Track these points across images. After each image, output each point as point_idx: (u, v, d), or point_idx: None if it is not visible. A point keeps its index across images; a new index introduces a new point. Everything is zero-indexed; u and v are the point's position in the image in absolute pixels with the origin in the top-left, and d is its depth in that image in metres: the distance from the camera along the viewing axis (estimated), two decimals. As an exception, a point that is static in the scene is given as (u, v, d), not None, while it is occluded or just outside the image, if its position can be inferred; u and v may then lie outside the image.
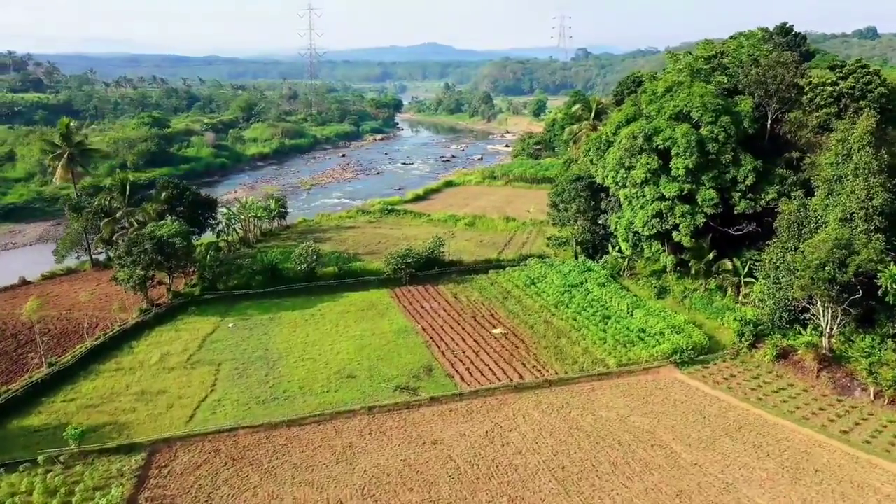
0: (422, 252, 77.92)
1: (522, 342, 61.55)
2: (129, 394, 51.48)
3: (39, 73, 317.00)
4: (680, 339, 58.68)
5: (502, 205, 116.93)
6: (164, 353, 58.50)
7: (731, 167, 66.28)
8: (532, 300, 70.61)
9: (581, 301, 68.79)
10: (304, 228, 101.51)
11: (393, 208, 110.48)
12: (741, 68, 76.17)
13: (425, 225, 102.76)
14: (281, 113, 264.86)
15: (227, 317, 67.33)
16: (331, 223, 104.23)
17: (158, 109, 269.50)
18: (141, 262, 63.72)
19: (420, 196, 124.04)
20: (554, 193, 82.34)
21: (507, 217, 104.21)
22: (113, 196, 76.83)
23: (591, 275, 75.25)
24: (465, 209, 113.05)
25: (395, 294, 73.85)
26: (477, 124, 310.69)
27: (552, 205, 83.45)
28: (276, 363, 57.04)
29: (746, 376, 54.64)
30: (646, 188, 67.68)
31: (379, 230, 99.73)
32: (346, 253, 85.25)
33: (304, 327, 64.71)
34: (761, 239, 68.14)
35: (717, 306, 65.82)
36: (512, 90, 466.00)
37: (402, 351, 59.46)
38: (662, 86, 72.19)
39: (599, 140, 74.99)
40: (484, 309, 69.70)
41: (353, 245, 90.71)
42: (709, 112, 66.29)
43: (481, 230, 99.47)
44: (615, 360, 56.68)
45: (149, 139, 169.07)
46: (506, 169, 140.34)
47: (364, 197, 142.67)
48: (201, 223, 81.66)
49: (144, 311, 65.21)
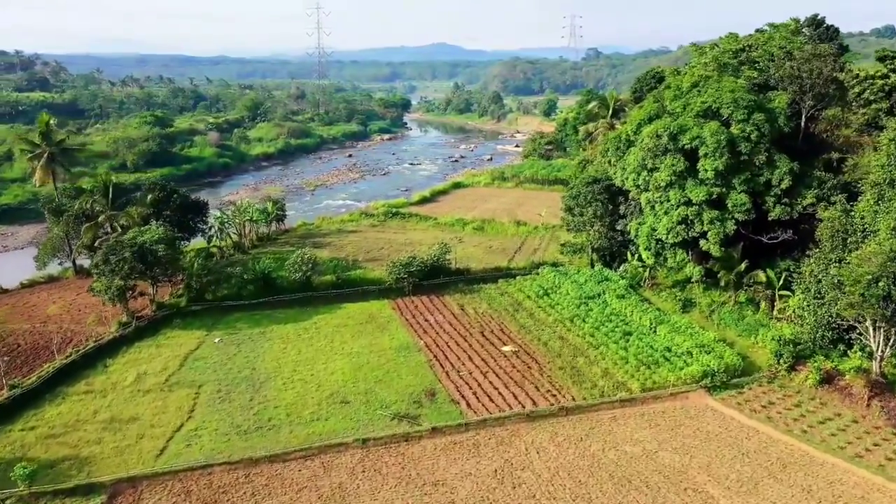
0: (426, 260, 72.18)
1: (535, 361, 55.65)
2: (97, 421, 45.95)
3: (46, 72, 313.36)
4: (710, 360, 52.63)
5: (512, 207, 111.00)
6: (141, 372, 52.98)
7: (764, 169, 60.22)
8: (545, 313, 64.72)
9: (599, 315, 62.84)
10: (303, 233, 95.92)
11: (397, 211, 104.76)
12: (772, 62, 70.03)
13: (431, 229, 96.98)
14: (288, 112, 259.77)
15: (214, 330, 61.79)
16: (332, 227, 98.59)
17: (165, 109, 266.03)
18: (120, 272, 58.29)
19: (426, 198, 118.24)
20: (569, 197, 76.37)
21: (518, 221, 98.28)
22: (95, 199, 71.49)
23: (609, 285, 69.23)
24: (473, 212, 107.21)
25: (396, 305, 68.13)
26: (486, 124, 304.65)
27: (566, 209, 77.49)
28: (263, 385, 51.39)
29: (787, 404, 48.53)
30: (670, 192, 61.65)
31: (382, 235, 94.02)
32: (346, 260, 79.55)
33: (297, 343, 59.05)
34: (797, 248, 62.11)
35: (749, 322, 59.71)
36: (522, 90, 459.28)
37: (402, 371, 53.68)
38: (688, 81, 66.16)
39: (619, 139, 69.00)
40: (493, 323, 63.87)
41: (354, 251, 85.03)
42: (740, 108, 60.23)
43: (490, 235, 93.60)
44: (639, 384, 50.70)
45: (150, 139, 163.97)
46: (516, 170, 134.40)
47: (370, 198, 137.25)
48: (191, 228, 76.20)
49: (124, 324, 59.76)
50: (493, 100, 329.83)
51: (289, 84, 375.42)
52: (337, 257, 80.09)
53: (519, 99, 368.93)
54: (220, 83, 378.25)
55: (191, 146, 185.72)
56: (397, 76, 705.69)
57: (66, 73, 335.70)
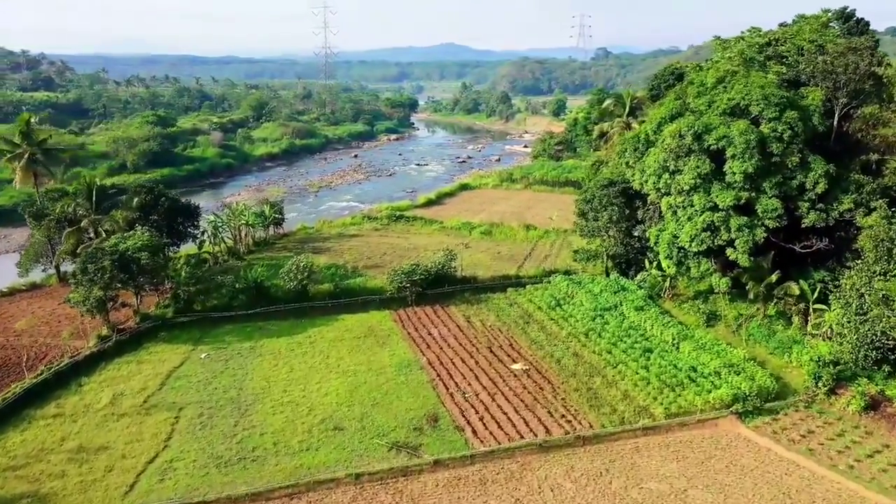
0: (430, 268, 67.38)
1: (548, 382, 50.73)
2: (63, 451, 41.35)
3: (51, 71, 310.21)
4: (741, 382, 47.60)
5: (521, 210, 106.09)
6: (117, 392, 48.38)
7: (797, 172, 55.02)
8: (558, 326, 59.79)
9: (616, 329, 57.85)
10: (302, 237, 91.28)
11: (402, 215, 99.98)
12: (802, 56, 64.89)
13: (437, 233, 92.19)
14: (293, 112, 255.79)
15: (201, 344, 57.17)
16: (332, 231, 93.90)
17: (169, 109, 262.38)
18: (99, 281, 53.73)
19: (432, 200, 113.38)
20: (582, 200, 71.38)
21: (528, 225, 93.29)
22: (78, 202, 67.00)
23: (626, 296, 64.24)
24: (480, 215, 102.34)
25: (398, 317, 63.36)
26: (494, 124, 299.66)
27: (580, 213, 72.50)
28: (250, 408, 46.68)
29: (829, 433, 43.44)
30: (694, 196, 56.58)
31: (385, 239, 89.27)
32: (346, 266, 74.83)
33: (289, 359, 54.33)
34: (832, 257, 56.99)
35: (781, 339, 54.58)
36: (530, 90, 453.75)
37: (402, 393, 48.87)
38: (713, 76, 61.08)
39: (637, 139, 63.95)
40: (501, 336, 58.99)
41: (355, 257, 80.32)
42: (771, 106, 55.09)
43: (498, 240, 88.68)
44: (662, 409, 45.70)
45: (151, 139, 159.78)
46: (525, 171, 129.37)
47: (374, 200, 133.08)
48: (180, 233, 71.63)
49: (103, 338, 55.22)
50: (502, 100, 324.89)
51: (295, 84, 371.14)
52: (336, 264, 75.39)
53: (528, 99, 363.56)
54: (226, 83, 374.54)
55: (193, 146, 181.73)
56: (405, 76, 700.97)
57: (71, 72, 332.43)
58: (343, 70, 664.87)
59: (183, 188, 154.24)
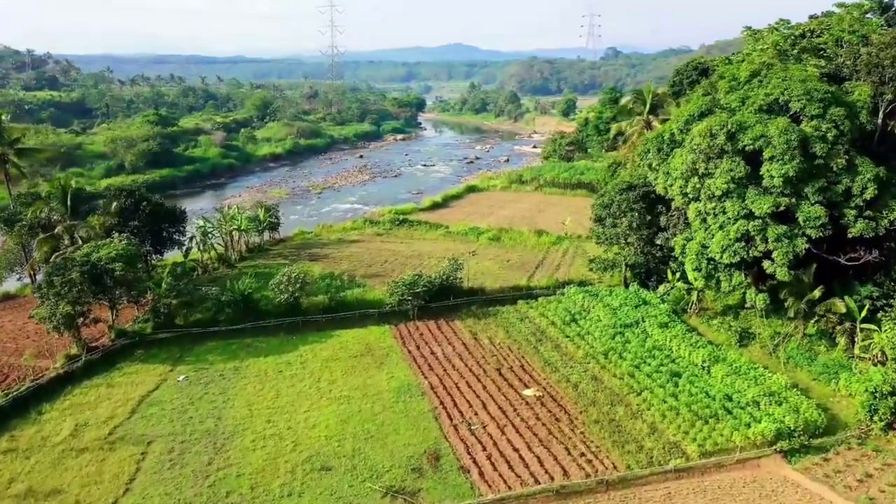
0: (434, 278, 61.65)
1: (564, 411, 44.91)
2: (9, 495, 35.81)
3: (55, 70, 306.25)
4: (784, 414, 41.71)
5: (532, 214, 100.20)
6: (80, 422, 42.87)
7: (843, 175, 49.00)
8: (574, 345, 53.95)
9: (639, 349, 51.96)
10: (300, 242, 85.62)
11: (405, 219, 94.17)
12: (841, 48, 58.91)
13: (442, 239, 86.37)
14: (299, 112, 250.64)
15: (180, 364, 51.62)
16: (332, 236, 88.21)
17: (174, 108, 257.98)
18: (67, 296, 48.28)
19: (438, 203, 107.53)
20: (599, 205, 65.42)
21: (539, 230, 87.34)
22: (52, 206, 61.66)
23: (649, 310, 58.34)
24: (488, 219, 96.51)
25: (398, 333, 57.64)
26: (503, 124, 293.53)
27: (596, 219, 66.57)
28: (228, 442, 41.09)
29: (890, 477, 37.46)
30: (727, 202, 50.57)
31: (387, 245, 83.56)
32: (345, 276, 69.07)
33: (276, 382, 48.70)
34: (881, 270, 50.95)
35: (825, 362, 48.58)
36: (539, 90, 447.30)
37: (400, 424, 43.15)
38: (746, 69, 55.10)
39: (661, 139, 57.96)
40: (512, 356, 53.18)
41: (355, 264, 74.63)
42: (814, 102, 49.13)
43: (507, 246, 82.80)
44: (696, 447, 39.84)
45: (150, 138, 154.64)
46: (535, 172, 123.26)
47: (379, 202, 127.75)
48: (164, 240, 66.17)
49: (71, 357, 49.75)
50: (510, 99, 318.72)
51: (302, 84, 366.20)
52: (333, 272, 69.64)
53: (536, 99, 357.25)
54: (231, 82, 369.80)
55: (195, 146, 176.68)
56: (413, 76, 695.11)
57: (76, 71, 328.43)
58: (351, 70, 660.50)
59: (183, 189, 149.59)
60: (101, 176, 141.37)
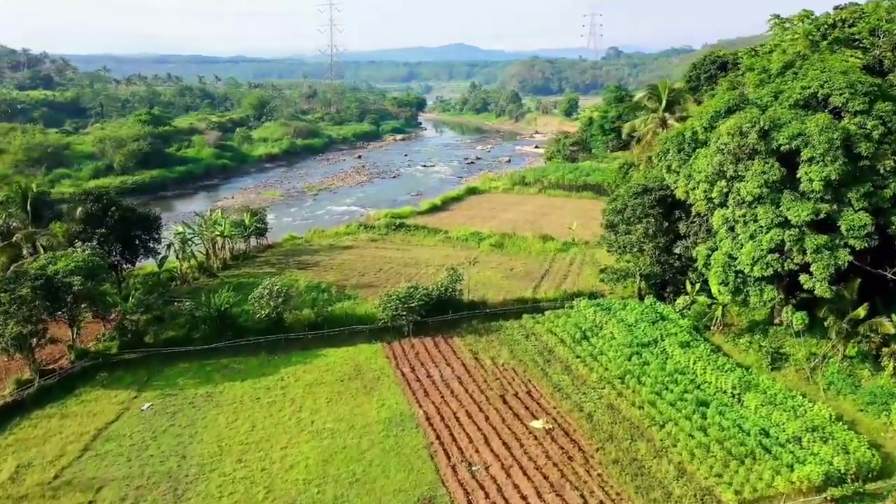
0: (431, 290, 55.94)
1: (578, 448, 39.14)
2: (-76, 559, 30.27)
3: (50, 69, 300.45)
4: (831, 454, 35.94)
5: (536, 218, 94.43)
6: (23, 463, 37.14)
7: (891, 178, 43.29)
8: (586, 366, 48.17)
9: (659, 372, 46.18)
10: (289, 249, 79.78)
11: (402, 223, 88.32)
12: (879, 38, 53.18)
13: (441, 245, 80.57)
14: (297, 111, 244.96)
15: (147, 389, 45.88)
16: (323, 242, 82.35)
17: (170, 108, 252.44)
18: (17, 315, 42.58)
19: (437, 206, 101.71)
20: (611, 210, 59.67)
21: (544, 236, 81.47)
22: (10, 212, 55.97)
23: (667, 327, 52.57)
24: (490, 223, 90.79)
25: (391, 352, 51.89)
26: (504, 124, 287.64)
27: (608, 225, 60.86)
28: (190, 488, 35.33)
29: (963, 534, 31.76)
30: (759, 209, 44.76)
31: (382, 252, 77.77)
32: (333, 287, 63.30)
33: (252, 412, 42.94)
34: (932, 285, 45.19)
35: (871, 390, 42.78)
36: (540, 90, 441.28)
37: (391, 464, 37.38)
38: (779, 61, 49.52)
39: (682, 139, 52.13)
40: (517, 380, 47.43)
41: (346, 273, 68.92)
42: (859, 96, 43.45)
43: (511, 253, 76.98)
44: (732, 494, 34.05)
45: (141, 138, 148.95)
46: (539, 174, 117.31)
47: (377, 203, 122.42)
48: (136, 248, 60.45)
49: (23, 383, 44.03)
50: (511, 99, 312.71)
51: (301, 84, 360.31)
52: (323, 283, 63.86)
53: (538, 99, 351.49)
54: (230, 81, 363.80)
55: (188, 146, 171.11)
56: (414, 76, 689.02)
57: (72, 70, 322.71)
58: (352, 70, 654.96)
59: (175, 191, 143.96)
60: (89, 177, 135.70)
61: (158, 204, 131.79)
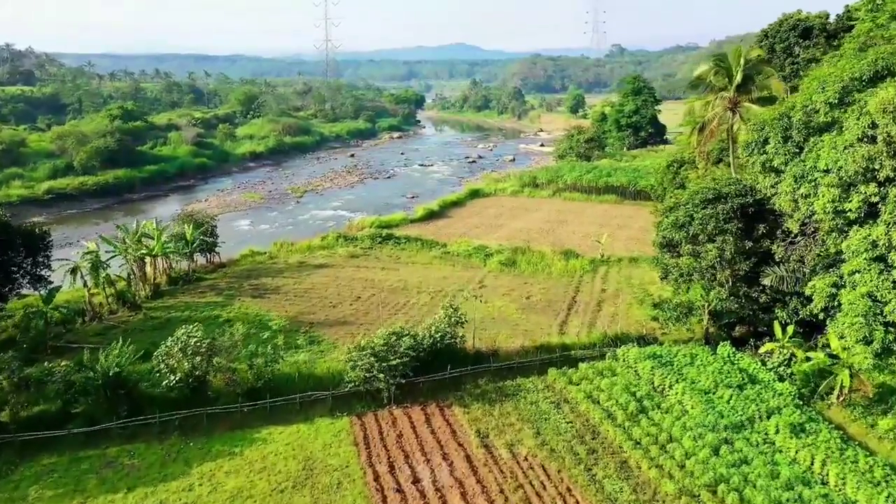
0: (422, 337, 39.06)
1: None
2: None
3: (30, 64, 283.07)
4: None
5: (552, 227, 77.57)
6: None
7: None
8: (653, 464, 31.30)
9: (769, 481, 29.25)
10: (248, 268, 62.60)
11: (391, 234, 71.24)
12: None
13: (437, 263, 63.55)
14: (290, 108, 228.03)
15: (-23, 509, 29.19)
16: (292, 258, 65.16)
17: (157, 104, 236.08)
18: None
19: (434, 212, 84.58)
20: (670, 224, 42.68)
21: (566, 251, 64.53)
22: None
23: (762, 395, 35.64)
24: (498, 234, 73.96)
25: (363, 433, 34.95)
26: (506, 122, 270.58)
27: (663, 244, 44.07)
28: None
29: None
30: (933, 230, 27.96)
31: (364, 272, 60.81)
32: (299, 326, 46.45)
33: (126, 562, 26.17)
34: None
35: None
36: (543, 88, 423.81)
37: None
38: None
39: (787, 122, 35.22)
40: (550, 487, 30.55)
41: (313, 303, 52.05)
42: None
43: (526, 274, 59.98)
44: None
45: (108, 134, 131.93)
46: (552, 174, 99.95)
47: (367, 207, 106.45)
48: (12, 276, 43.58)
49: None
50: (514, 96, 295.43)
51: (297, 81, 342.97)
52: (276, 318, 46.81)
53: (542, 96, 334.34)
54: (220, 77, 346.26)
55: (164, 144, 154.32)
56: (414, 75, 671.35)
57: (55, 65, 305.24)
58: (351, 69, 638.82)
59: (142, 193, 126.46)
60: (45, 177, 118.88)
61: (122, 208, 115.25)
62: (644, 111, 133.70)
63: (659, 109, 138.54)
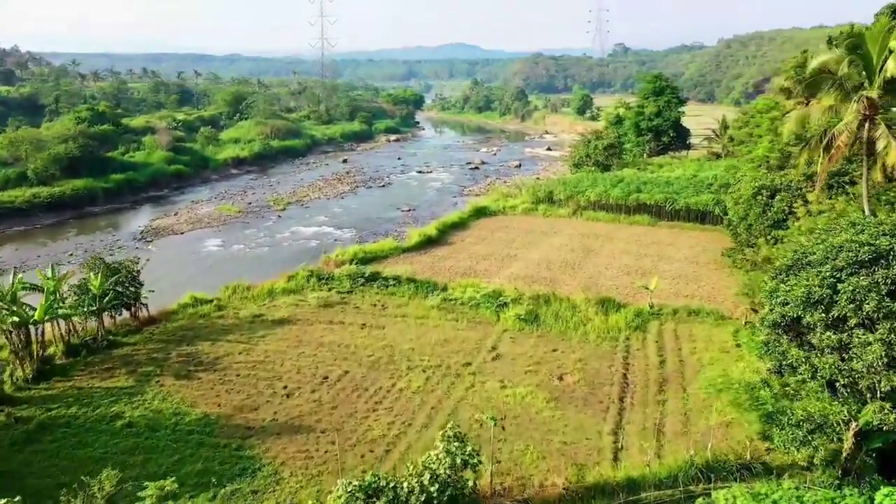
0: (407, 496, 23.38)
1: None
2: None
3: (10, 63, 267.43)
4: None
5: (578, 258, 61.73)
6: None
7: None
8: None
9: None
10: (183, 325, 46.23)
11: (376, 272, 55.12)
12: None
13: (435, 316, 47.32)
14: (282, 109, 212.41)
15: None
16: (244, 310, 48.92)
17: (142, 104, 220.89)
18: None
19: (431, 239, 68.21)
20: (800, 300, 26.79)
21: (602, 299, 48.59)
22: None
23: None
24: (511, 268, 58.22)
25: None
26: (509, 124, 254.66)
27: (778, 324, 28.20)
28: None
29: None
30: None
31: (337, 333, 44.78)
32: (225, 428, 30.91)
33: None
34: None
35: None
36: (545, 88, 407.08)
37: None
38: None
39: None
40: None
41: (259, 390, 36.29)
42: None
43: (553, 335, 43.93)
44: None
45: (70, 139, 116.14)
46: (571, 188, 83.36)
47: (356, 223, 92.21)
48: None
49: None
50: (517, 96, 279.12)
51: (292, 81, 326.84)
52: (210, 414, 31.17)
53: (546, 96, 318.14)
54: (209, 76, 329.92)
55: (138, 149, 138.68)
56: (414, 75, 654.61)
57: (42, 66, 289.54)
58: (350, 69, 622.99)
59: (105, 206, 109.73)
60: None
61: (78, 224, 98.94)
62: (667, 113, 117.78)
63: (683, 111, 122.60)
